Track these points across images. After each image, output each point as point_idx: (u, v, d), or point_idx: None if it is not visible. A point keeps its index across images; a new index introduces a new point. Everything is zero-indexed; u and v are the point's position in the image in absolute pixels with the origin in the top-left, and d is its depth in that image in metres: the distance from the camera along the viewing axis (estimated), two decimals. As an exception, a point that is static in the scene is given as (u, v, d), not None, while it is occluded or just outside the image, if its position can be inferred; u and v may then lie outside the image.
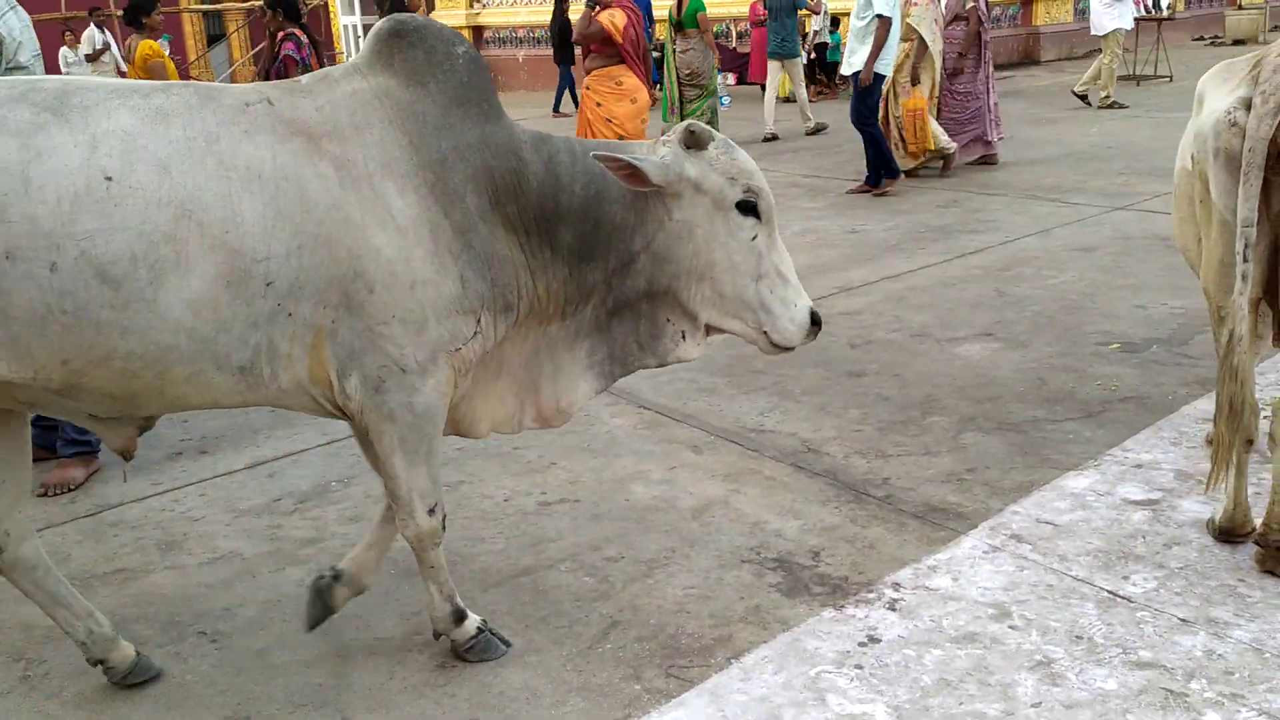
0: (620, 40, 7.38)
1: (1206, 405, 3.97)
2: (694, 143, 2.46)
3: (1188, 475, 3.46)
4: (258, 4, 19.70)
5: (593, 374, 2.62)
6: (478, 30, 22.08)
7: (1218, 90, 2.88)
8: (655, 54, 11.23)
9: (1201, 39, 21.06)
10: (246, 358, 2.20)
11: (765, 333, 2.53)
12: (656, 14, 14.23)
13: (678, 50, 10.69)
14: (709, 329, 2.59)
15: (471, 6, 22.34)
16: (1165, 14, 14.35)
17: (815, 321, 2.55)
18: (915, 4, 8.69)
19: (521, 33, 21.66)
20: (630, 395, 4.46)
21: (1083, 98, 12.89)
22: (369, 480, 3.82)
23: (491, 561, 3.22)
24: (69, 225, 2.01)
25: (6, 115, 2.04)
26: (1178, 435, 3.78)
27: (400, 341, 2.27)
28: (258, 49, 18.69)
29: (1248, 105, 2.66)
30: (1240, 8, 22.28)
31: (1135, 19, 14.95)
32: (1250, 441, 2.85)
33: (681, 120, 14.53)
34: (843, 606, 2.84)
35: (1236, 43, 20.60)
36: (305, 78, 2.42)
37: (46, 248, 2.00)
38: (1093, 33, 13.10)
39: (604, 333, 2.58)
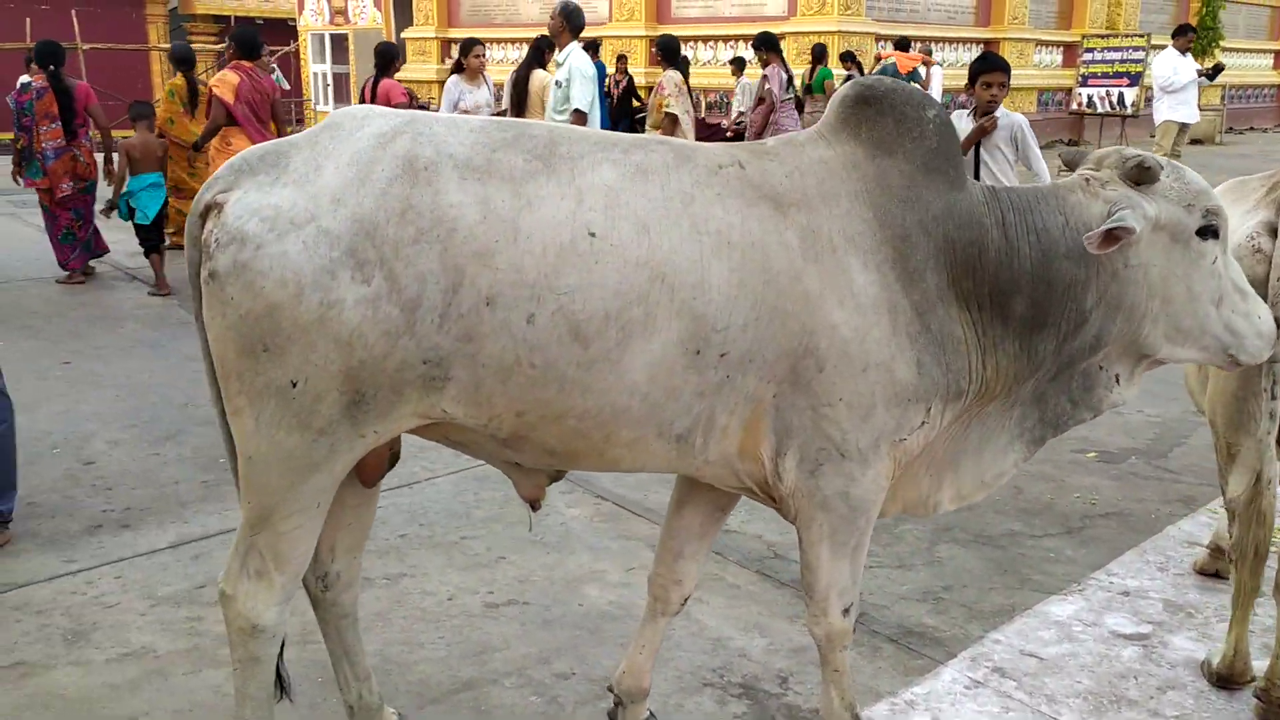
0: (233, 101, 7.60)
1: (1190, 527, 3.82)
2: (1145, 177, 2.20)
3: (1177, 607, 3.28)
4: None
5: (1022, 442, 2.39)
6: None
7: (1230, 210, 2.73)
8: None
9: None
10: (686, 426, 2.12)
11: (1231, 355, 2.30)
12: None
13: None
14: (1154, 362, 2.36)
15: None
16: (1130, 110, 14.55)
17: None
18: (666, 93, 9.22)
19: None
20: (587, 484, 4.21)
21: None
22: (302, 569, 3.52)
23: (430, 672, 2.94)
24: (551, 278, 1.96)
25: (501, 160, 2.01)
26: (1164, 560, 3.60)
27: (844, 425, 2.14)
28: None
29: (1272, 230, 2.51)
30: (1199, 109, 22.81)
31: (1101, 114, 15.22)
32: (1256, 588, 2.67)
33: None
34: (814, 746, 2.60)
35: (1194, 142, 21.07)
36: (771, 141, 2.33)
37: (528, 298, 1.96)
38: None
39: (1038, 399, 2.36)
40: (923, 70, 14.75)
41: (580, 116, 7.53)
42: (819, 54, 13.78)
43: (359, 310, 1.91)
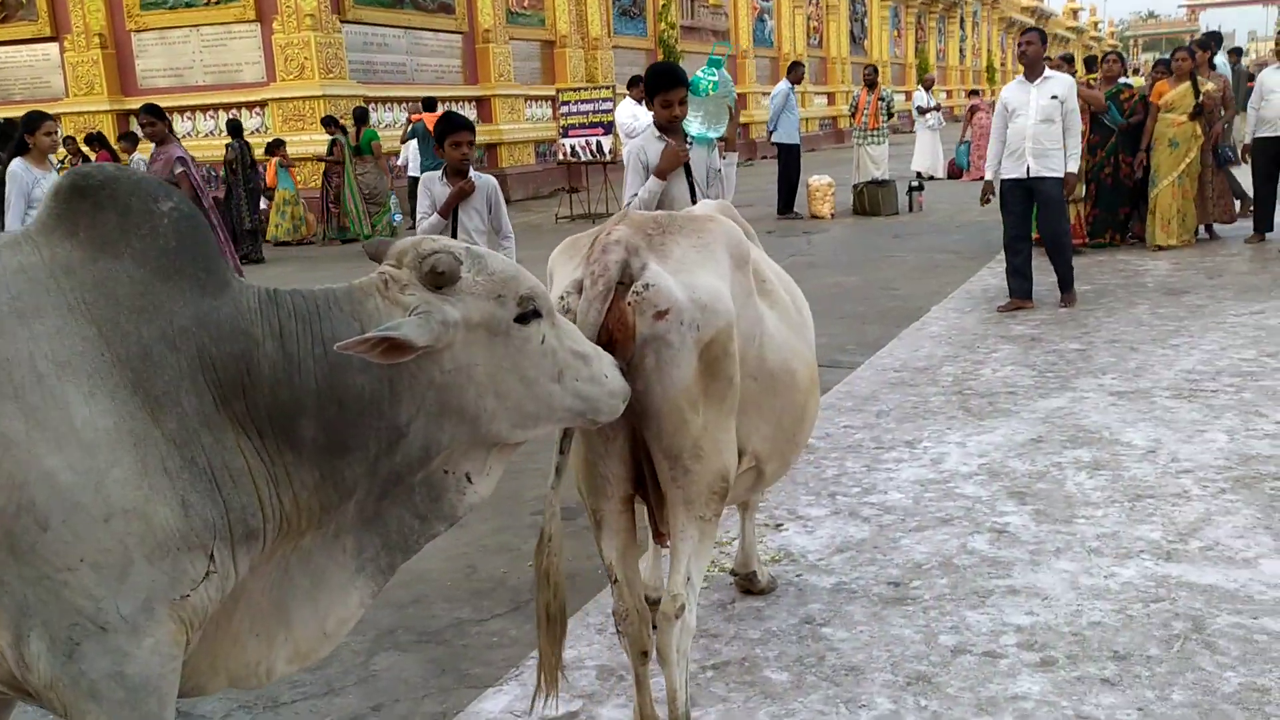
0: None
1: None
2: (442, 281, 1.96)
3: (610, 671, 3.17)
4: None
5: (365, 576, 2.07)
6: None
7: (564, 269, 2.65)
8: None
9: (650, 177, 23.33)
10: None
11: (590, 418, 2.22)
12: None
13: (357, 173, 13.96)
14: (509, 448, 2.17)
15: None
16: (609, 157, 15.52)
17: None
18: None
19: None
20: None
21: None
22: None
23: None
24: None
25: None
26: (603, 620, 3.51)
27: (94, 591, 1.72)
28: None
29: (581, 288, 2.42)
30: (677, 149, 25.09)
31: (585, 162, 16.10)
32: (645, 653, 2.58)
33: (370, 231, 14.55)
34: None
35: (678, 180, 23.11)
36: None
37: None
38: None
39: (373, 523, 2.04)
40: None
41: None
42: (362, 116, 13.93)
43: None
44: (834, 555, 3.91)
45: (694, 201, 4.67)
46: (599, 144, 15.53)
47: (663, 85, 4.64)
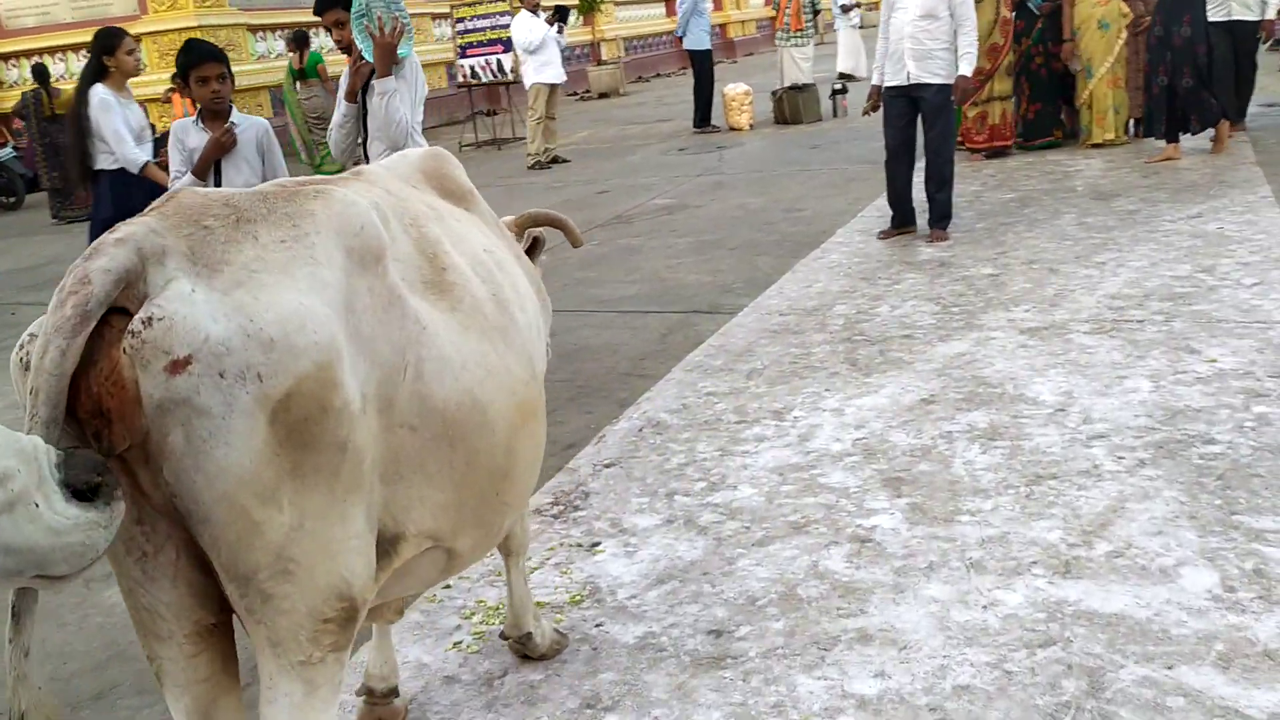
0: None
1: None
2: None
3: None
4: None
5: None
6: None
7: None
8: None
9: (574, 94, 22.03)
10: None
11: (43, 579, 1.35)
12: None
13: (301, 98, 12.50)
14: None
15: None
16: (511, 76, 14.33)
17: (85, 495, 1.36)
18: None
19: None
20: None
21: (552, 161, 12.36)
22: None
23: None
24: None
25: None
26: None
27: None
28: None
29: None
30: (601, 63, 23.77)
31: (485, 83, 14.89)
32: None
33: (316, 165, 12.17)
34: None
35: (601, 96, 21.87)
36: None
37: None
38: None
39: None
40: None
41: None
42: (303, 39, 12.84)
43: None
44: (651, 589, 3.07)
45: (360, 138, 4.39)
46: (499, 63, 14.31)
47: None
